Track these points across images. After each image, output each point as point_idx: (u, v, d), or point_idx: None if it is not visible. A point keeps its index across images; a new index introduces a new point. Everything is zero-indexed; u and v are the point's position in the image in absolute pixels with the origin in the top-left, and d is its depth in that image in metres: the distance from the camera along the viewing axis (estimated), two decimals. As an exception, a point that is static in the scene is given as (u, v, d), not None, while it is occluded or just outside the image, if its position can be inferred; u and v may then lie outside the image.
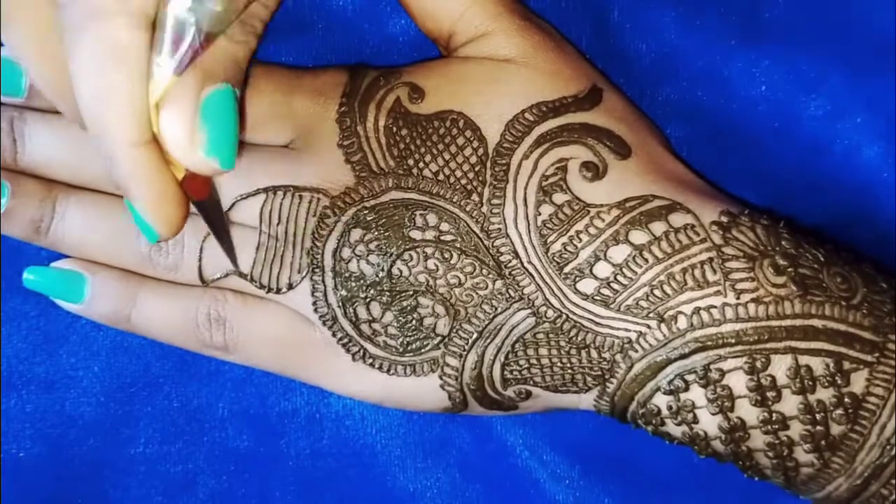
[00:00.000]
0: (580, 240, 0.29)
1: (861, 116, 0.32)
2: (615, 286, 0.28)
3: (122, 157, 0.24)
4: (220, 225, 0.29)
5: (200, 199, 0.27)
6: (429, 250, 0.29)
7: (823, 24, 0.32)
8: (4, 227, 0.31)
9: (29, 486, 0.33)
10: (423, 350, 0.30)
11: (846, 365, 0.28)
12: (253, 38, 0.25)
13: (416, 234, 0.29)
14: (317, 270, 0.30)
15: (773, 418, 0.28)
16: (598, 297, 0.29)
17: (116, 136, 0.23)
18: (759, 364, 0.28)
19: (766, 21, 0.33)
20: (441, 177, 0.30)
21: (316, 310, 0.30)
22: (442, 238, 0.29)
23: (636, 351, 0.28)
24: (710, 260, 0.28)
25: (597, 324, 0.29)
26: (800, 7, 0.32)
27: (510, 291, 0.29)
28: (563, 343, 0.29)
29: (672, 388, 0.28)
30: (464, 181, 0.29)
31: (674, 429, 0.29)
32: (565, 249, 0.29)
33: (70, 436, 0.34)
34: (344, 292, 0.30)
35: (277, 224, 0.30)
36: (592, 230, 0.29)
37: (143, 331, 0.32)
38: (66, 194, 0.31)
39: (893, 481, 0.28)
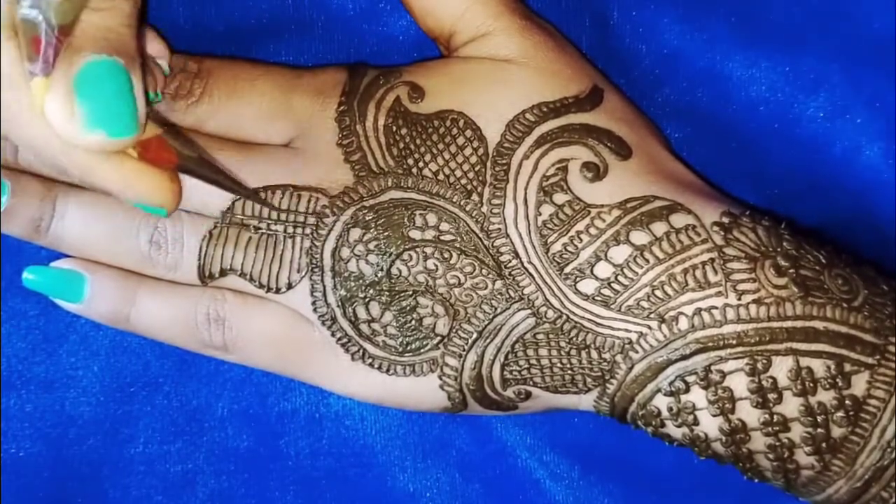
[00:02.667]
0: (581, 240, 0.29)
1: (861, 117, 0.32)
2: (616, 287, 0.28)
3: (61, 161, 0.24)
4: (217, 177, 0.28)
5: (171, 164, 0.26)
6: (428, 250, 0.29)
7: (823, 25, 0.32)
8: (4, 226, 0.31)
9: (29, 485, 0.33)
10: (422, 350, 0.30)
11: (847, 367, 0.28)
12: (122, 3, 0.24)
13: (415, 234, 0.29)
14: (316, 270, 0.30)
15: (774, 420, 0.28)
16: (598, 298, 0.29)
17: (40, 146, 0.24)
18: (760, 365, 0.28)
19: (766, 21, 0.32)
20: (441, 176, 0.29)
21: (315, 309, 0.30)
22: (441, 238, 0.29)
23: (637, 352, 0.28)
24: (712, 261, 0.28)
25: (597, 324, 0.29)
26: (800, 7, 0.32)
27: (510, 292, 0.29)
28: (563, 343, 0.29)
29: (672, 389, 0.28)
30: (464, 181, 0.29)
31: (674, 430, 0.29)
32: (566, 249, 0.29)
33: (70, 435, 0.34)
34: (343, 292, 0.30)
35: (276, 223, 0.30)
36: (593, 230, 0.29)
37: (142, 330, 0.32)
38: (66, 193, 0.31)
39: (894, 484, 0.28)
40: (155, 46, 0.30)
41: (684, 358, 0.28)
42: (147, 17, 0.32)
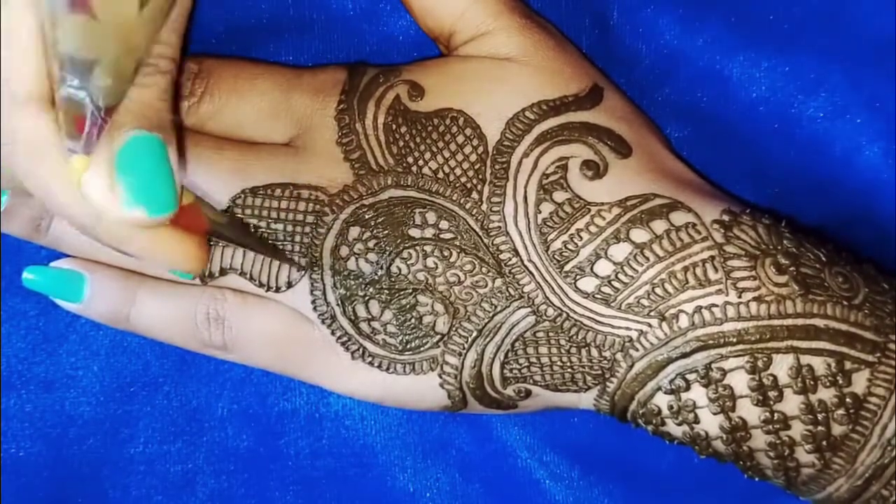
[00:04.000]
0: (581, 238, 0.29)
1: (861, 117, 0.32)
2: (616, 284, 0.28)
3: (95, 234, 0.24)
4: (246, 240, 0.29)
5: (204, 231, 0.27)
6: (428, 248, 0.29)
7: (823, 25, 0.32)
8: (4, 226, 0.31)
9: (29, 485, 0.33)
10: (422, 348, 0.30)
11: (848, 365, 0.27)
12: (161, 78, 0.25)
13: (415, 232, 0.29)
14: (315, 269, 0.30)
15: (775, 418, 0.28)
16: (598, 296, 0.29)
17: (76, 218, 0.24)
18: (760, 363, 0.28)
19: (766, 21, 0.32)
20: (440, 175, 0.30)
21: (315, 308, 0.30)
22: (441, 236, 0.29)
23: (637, 350, 0.28)
24: (712, 258, 0.28)
25: (597, 322, 0.29)
26: (800, 7, 0.32)
27: (510, 290, 0.29)
28: (563, 342, 0.29)
29: (673, 387, 0.28)
30: (463, 179, 0.29)
31: (674, 429, 0.29)
32: (566, 247, 0.29)
33: (69, 435, 0.34)
34: (343, 290, 0.30)
35: (276, 222, 0.30)
36: (593, 228, 0.29)
37: (142, 330, 0.32)
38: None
39: (894, 482, 0.27)
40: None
41: (685, 356, 0.28)
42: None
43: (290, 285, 0.30)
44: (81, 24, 0.21)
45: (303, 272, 0.30)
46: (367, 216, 0.29)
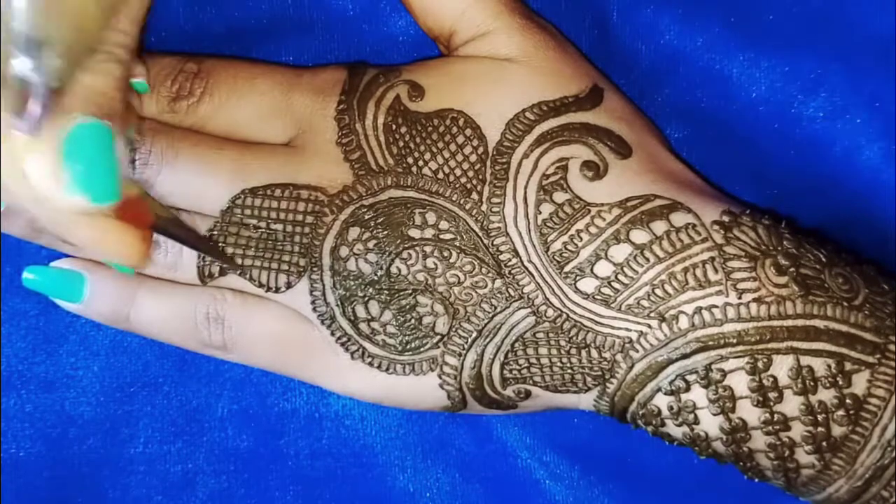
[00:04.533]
0: (581, 239, 0.29)
1: (861, 117, 0.32)
2: (616, 285, 0.28)
3: (42, 216, 0.24)
4: (190, 237, 0.29)
5: (148, 225, 0.26)
6: (428, 249, 0.29)
7: (823, 25, 0.32)
8: (4, 226, 0.31)
9: (29, 485, 0.33)
10: (422, 349, 0.30)
11: (848, 366, 0.27)
12: (115, 67, 0.24)
13: (415, 233, 0.29)
14: (315, 269, 0.30)
15: (775, 419, 0.28)
16: (598, 297, 0.29)
17: (23, 200, 0.23)
18: (760, 364, 0.28)
19: (766, 22, 0.32)
20: (440, 175, 0.29)
21: (314, 309, 0.30)
22: (441, 237, 0.29)
23: (637, 351, 0.28)
24: (712, 259, 0.28)
25: (597, 323, 0.29)
26: (800, 7, 0.32)
27: (510, 290, 0.29)
28: (563, 342, 0.29)
29: (673, 388, 0.28)
30: (463, 180, 0.29)
31: (674, 429, 0.29)
32: (566, 248, 0.29)
33: (70, 435, 0.34)
34: (342, 291, 0.30)
35: (276, 222, 0.30)
36: (593, 229, 0.29)
37: (141, 330, 0.32)
38: (65, 193, 0.31)
39: (894, 483, 0.27)
40: (135, 69, 0.30)
41: (685, 357, 0.28)
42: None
43: (289, 286, 0.30)
44: (34, 1, 0.21)
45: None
46: (366, 217, 0.29)
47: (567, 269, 0.29)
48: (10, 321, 0.34)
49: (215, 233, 0.30)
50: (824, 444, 0.28)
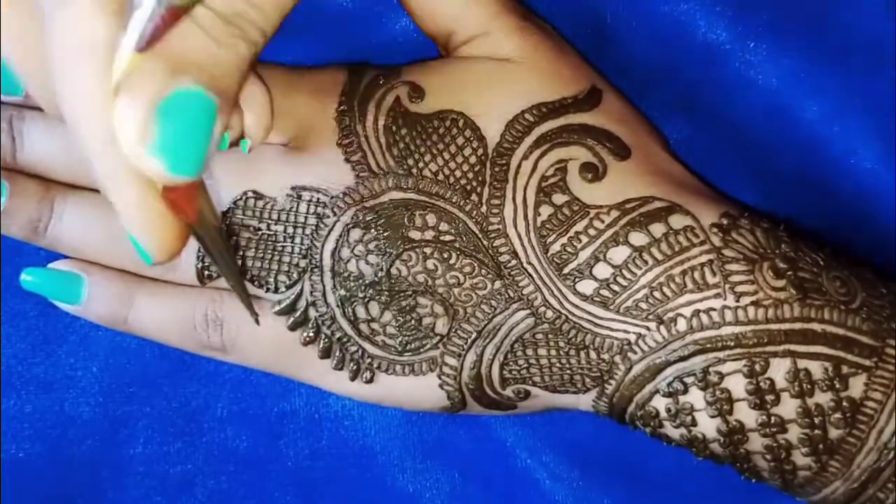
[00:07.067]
0: (580, 241, 0.29)
1: (858, 120, 0.32)
2: (615, 287, 0.29)
3: (95, 158, 0.22)
4: (224, 257, 0.27)
5: (189, 219, 0.24)
6: (428, 250, 0.29)
7: (822, 27, 0.32)
8: (3, 227, 0.31)
9: (28, 486, 0.33)
10: (421, 349, 0.30)
11: (845, 369, 0.28)
12: (243, 45, 0.22)
13: (415, 234, 0.29)
14: (315, 270, 0.30)
15: (772, 421, 0.28)
16: (597, 299, 0.29)
17: (86, 133, 0.22)
18: (758, 367, 0.28)
19: (766, 23, 0.32)
20: (441, 177, 0.30)
21: (315, 309, 0.30)
22: (441, 238, 0.29)
23: (635, 353, 0.28)
24: (710, 262, 0.28)
25: (596, 325, 0.29)
26: (799, 10, 0.32)
27: (509, 292, 0.29)
28: (562, 344, 0.29)
29: (671, 390, 0.28)
30: (463, 181, 0.29)
31: (672, 431, 0.29)
32: (565, 250, 0.29)
33: (69, 436, 0.34)
34: (343, 292, 0.30)
35: (276, 223, 0.30)
36: (592, 231, 0.29)
37: (140, 332, 0.32)
38: (64, 194, 0.31)
39: (890, 485, 0.28)
40: (251, 117, 0.28)
41: (683, 359, 0.28)
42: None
43: (289, 286, 0.30)
44: None
45: (256, 321, 0.29)
46: (367, 218, 0.29)
47: (566, 270, 0.29)
48: (9, 322, 0.33)
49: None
50: (821, 446, 0.28)
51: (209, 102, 0.21)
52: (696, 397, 0.28)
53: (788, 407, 0.28)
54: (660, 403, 0.29)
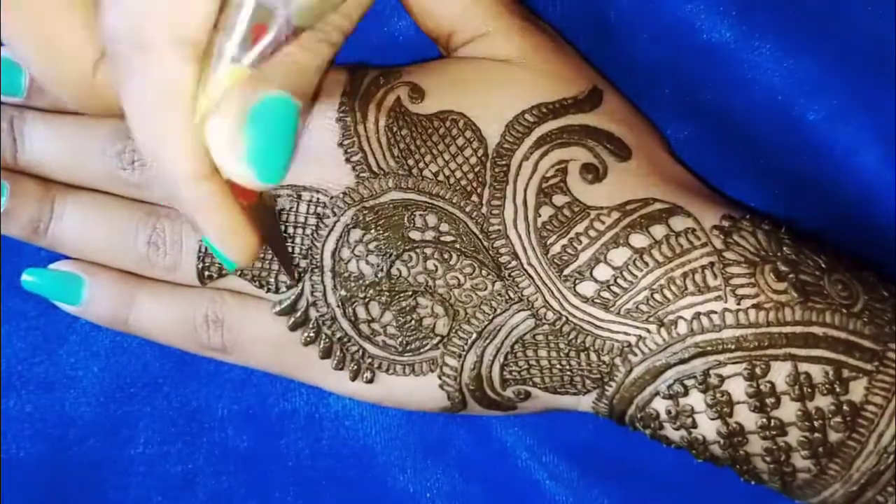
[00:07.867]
0: (580, 242, 0.29)
1: (860, 120, 0.32)
2: (615, 289, 0.29)
3: (183, 193, 0.22)
4: (273, 233, 0.28)
5: (249, 200, 0.25)
6: (428, 251, 0.29)
7: (824, 28, 0.32)
8: (4, 227, 0.31)
9: (28, 486, 0.34)
10: (422, 350, 0.30)
11: (845, 373, 0.28)
12: (326, 48, 0.22)
13: (415, 235, 0.29)
14: (315, 270, 0.30)
15: (772, 424, 0.28)
16: (597, 300, 0.29)
17: (174, 172, 0.22)
18: (758, 370, 0.28)
19: (767, 24, 0.32)
20: (441, 177, 0.29)
21: (315, 310, 0.30)
22: (441, 239, 0.29)
23: (635, 355, 0.28)
24: (711, 265, 0.28)
25: (596, 327, 0.29)
26: (800, 10, 0.32)
27: (510, 293, 0.29)
28: (562, 345, 0.29)
29: (671, 392, 0.28)
30: (463, 182, 0.29)
31: (672, 433, 0.29)
32: (565, 251, 0.29)
33: (69, 436, 0.34)
34: (343, 292, 0.30)
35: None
36: (592, 232, 0.29)
37: (141, 333, 0.32)
38: (64, 195, 0.31)
39: (889, 489, 0.28)
40: None
41: (683, 362, 0.28)
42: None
43: (289, 287, 0.30)
44: None
45: (294, 285, 0.30)
46: (368, 219, 0.29)
47: (566, 272, 0.29)
48: (10, 321, 0.34)
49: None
50: (820, 449, 0.28)
51: (293, 107, 0.22)
52: (696, 399, 0.28)
53: (788, 410, 0.28)
54: (660, 405, 0.29)
